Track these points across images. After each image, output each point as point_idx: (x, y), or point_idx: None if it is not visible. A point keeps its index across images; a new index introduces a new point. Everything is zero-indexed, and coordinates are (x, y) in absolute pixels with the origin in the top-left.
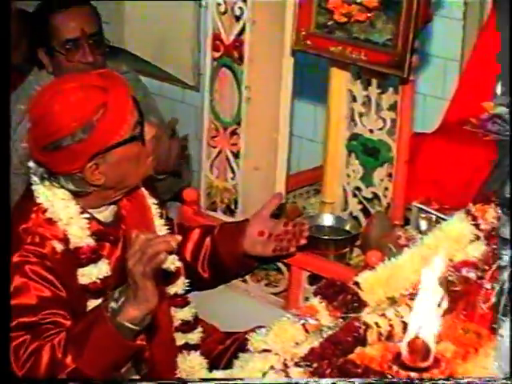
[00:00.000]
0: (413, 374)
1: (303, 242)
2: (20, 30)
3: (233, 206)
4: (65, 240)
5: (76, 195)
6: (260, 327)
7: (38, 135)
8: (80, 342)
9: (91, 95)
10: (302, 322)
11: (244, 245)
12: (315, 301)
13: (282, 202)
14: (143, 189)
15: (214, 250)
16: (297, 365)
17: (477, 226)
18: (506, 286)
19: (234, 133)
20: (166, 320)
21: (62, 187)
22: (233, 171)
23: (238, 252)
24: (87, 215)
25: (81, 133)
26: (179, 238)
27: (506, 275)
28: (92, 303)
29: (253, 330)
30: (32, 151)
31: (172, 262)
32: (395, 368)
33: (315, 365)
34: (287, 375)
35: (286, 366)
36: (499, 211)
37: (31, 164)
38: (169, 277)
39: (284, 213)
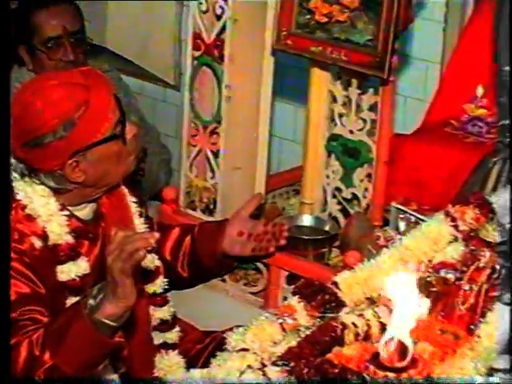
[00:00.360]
0: (390, 374)
1: (283, 242)
2: None
3: (212, 206)
4: (44, 237)
5: (56, 192)
6: (238, 326)
7: (19, 132)
8: (58, 339)
9: (73, 93)
10: (280, 321)
11: (223, 245)
12: (293, 300)
13: (261, 203)
14: (123, 187)
15: (194, 249)
16: (274, 364)
17: (456, 227)
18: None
19: (213, 132)
20: (145, 319)
21: (43, 184)
22: (212, 170)
23: (217, 252)
24: (67, 212)
25: (62, 130)
26: (157, 235)
27: (484, 277)
28: (71, 300)
29: (231, 330)
30: (13, 147)
31: (151, 261)
32: (372, 368)
33: (292, 364)
34: (265, 374)
35: (263, 365)
36: (478, 212)
37: (11, 160)
38: (148, 275)
39: (263, 213)
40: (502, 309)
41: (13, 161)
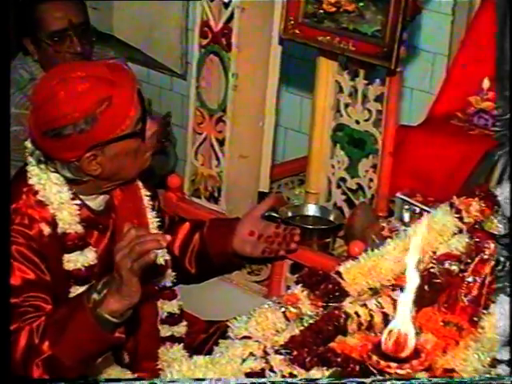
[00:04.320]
0: (392, 364)
1: (293, 246)
2: None
3: (217, 194)
4: (53, 223)
5: (70, 182)
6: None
7: (40, 119)
8: (59, 330)
9: (98, 87)
10: (283, 309)
11: (233, 244)
12: (297, 289)
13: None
14: (138, 180)
15: (203, 246)
16: (277, 352)
17: (460, 218)
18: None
19: (219, 120)
20: (152, 312)
21: (57, 172)
22: (217, 158)
23: (226, 251)
24: (78, 202)
25: (83, 123)
26: (169, 237)
27: (488, 269)
28: (75, 290)
29: (235, 319)
30: (31, 133)
31: (161, 255)
32: (375, 358)
33: (295, 352)
34: (267, 362)
35: (266, 353)
36: (483, 205)
37: (28, 144)
38: (157, 269)
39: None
40: (505, 301)
41: (30, 145)
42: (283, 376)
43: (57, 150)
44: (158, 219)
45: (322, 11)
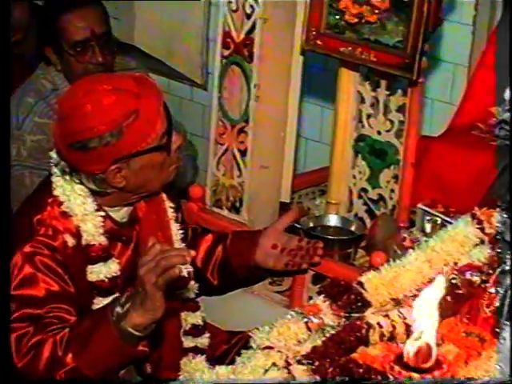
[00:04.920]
0: (415, 375)
1: (317, 259)
2: (30, 23)
3: (238, 204)
4: (77, 235)
5: (94, 193)
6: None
7: (66, 132)
8: (82, 342)
9: (124, 100)
10: (305, 320)
11: (256, 257)
12: (319, 300)
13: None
14: (162, 192)
15: (225, 259)
16: (299, 362)
17: (482, 229)
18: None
19: (241, 131)
20: (176, 323)
21: (82, 183)
22: (239, 169)
23: (249, 263)
24: (102, 213)
25: (109, 137)
26: (194, 253)
27: (508, 280)
28: (98, 301)
29: (257, 329)
30: (57, 144)
31: (185, 267)
32: (397, 368)
33: (317, 363)
34: (289, 372)
35: (288, 363)
36: (505, 216)
37: (53, 155)
38: (181, 282)
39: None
40: None
41: (55, 156)
42: None
43: (82, 162)
44: (181, 231)
45: (343, 22)
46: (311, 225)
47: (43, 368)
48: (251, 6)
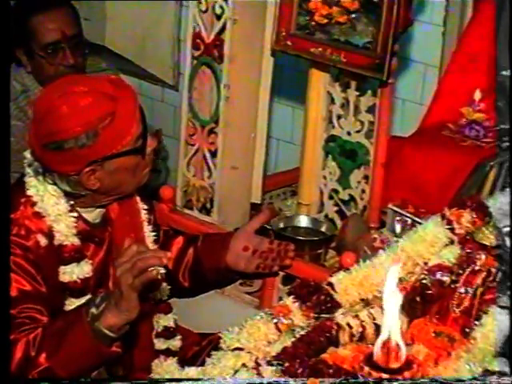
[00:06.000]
0: (384, 375)
1: (288, 262)
2: None
3: (209, 205)
4: (50, 235)
5: (67, 194)
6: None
7: (41, 132)
8: (55, 342)
9: (100, 102)
10: (275, 321)
11: (227, 259)
12: (289, 300)
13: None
14: (136, 194)
15: (196, 261)
16: (269, 363)
17: (452, 230)
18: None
19: (211, 131)
20: (148, 326)
21: (55, 184)
22: (210, 170)
23: (220, 266)
24: (75, 214)
25: (84, 138)
26: (169, 254)
27: (479, 280)
28: (70, 302)
29: (227, 330)
30: (31, 144)
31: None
32: (367, 369)
33: (287, 364)
34: (259, 373)
35: (257, 364)
36: (474, 216)
37: (27, 155)
38: (155, 284)
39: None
40: (498, 312)
41: (29, 156)
42: None
43: (56, 162)
44: (153, 233)
45: (313, 23)
46: (282, 225)
47: (16, 368)
48: (221, 7)
